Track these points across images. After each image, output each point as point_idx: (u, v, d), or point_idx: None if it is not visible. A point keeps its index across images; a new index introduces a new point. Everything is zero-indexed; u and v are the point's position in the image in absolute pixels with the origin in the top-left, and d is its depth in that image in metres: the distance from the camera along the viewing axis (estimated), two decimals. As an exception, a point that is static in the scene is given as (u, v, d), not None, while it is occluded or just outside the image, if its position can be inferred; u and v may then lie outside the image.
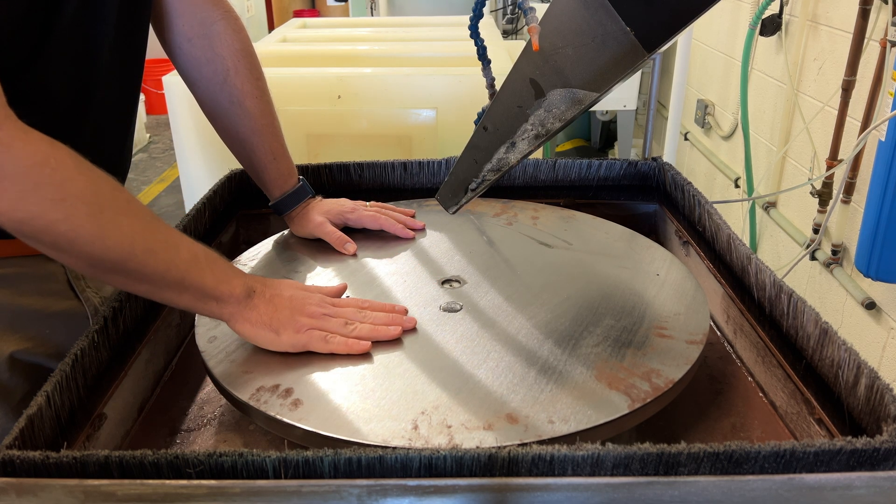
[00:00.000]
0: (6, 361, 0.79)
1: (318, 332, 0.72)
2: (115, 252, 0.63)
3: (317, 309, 0.74)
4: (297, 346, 0.71)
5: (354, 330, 0.73)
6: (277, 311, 0.72)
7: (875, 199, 1.45)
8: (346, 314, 0.75)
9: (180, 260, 0.67)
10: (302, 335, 0.71)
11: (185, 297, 0.69)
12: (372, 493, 0.52)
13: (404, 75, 1.65)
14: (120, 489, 0.53)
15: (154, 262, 0.65)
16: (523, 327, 0.76)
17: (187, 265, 0.68)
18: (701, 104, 2.78)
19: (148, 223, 0.66)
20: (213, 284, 0.70)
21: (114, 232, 0.63)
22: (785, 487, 0.52)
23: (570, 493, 0.53)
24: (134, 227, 0.65)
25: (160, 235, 0.67)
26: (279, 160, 0.98)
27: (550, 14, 0.69)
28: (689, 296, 0.82)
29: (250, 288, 0.72)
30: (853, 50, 1.71)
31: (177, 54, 0.93)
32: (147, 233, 0.66)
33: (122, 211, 0.64)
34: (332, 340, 0.72)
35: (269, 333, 0.71)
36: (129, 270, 0.65)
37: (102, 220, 0.62)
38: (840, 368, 0.63)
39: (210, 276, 0.70)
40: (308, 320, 0.72)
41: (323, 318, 0.73)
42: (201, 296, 0.69)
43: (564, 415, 0.62)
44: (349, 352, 0.71)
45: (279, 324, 0.71)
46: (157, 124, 5.23)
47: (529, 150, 0.76)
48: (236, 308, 0.71)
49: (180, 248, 0.68)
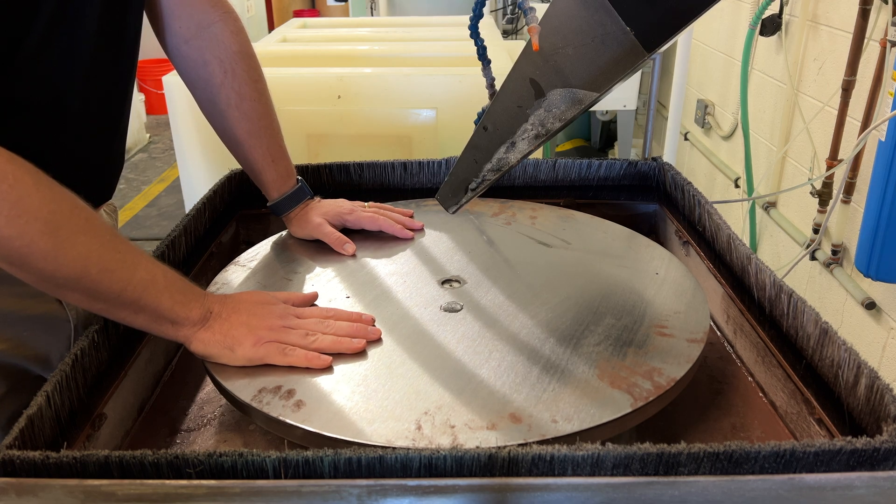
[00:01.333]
0: None
1: (276, 344, 0.71)
2: (68, 270, 0.63)
3: (276, 321, 0.73)
4: (254, 359, 0.70)
5: (315, 342, 0.72)
6: (232, 328, 0.71)
7: (875, 199, 1.45)
8: (307, 325, 0.73)
9: (137, 280, 0.67)
10: (259, 348, 0.70)
11: (141, 317, 0.68)
12: (372, 493, 0.52)
13: (404, 75, 1.65)
14: (120, 489, 0.53)
15: (109, 281, 0.65)
16: (524, 327, 0.76)
17: (144, 285, 0.67)
18: (701, 104, 2.78)
19: (106, 242, 0.66)
20: (169, 306, 0.69)
21: (69, 250, 0.62)
22: (785, 487, 0.52)
23: (570, 493, 0.53)
24: (90, 246, 0.64)
25: (118, 255, 0.66)
26: (278, 162, 0.97)
27: (550, 14, 0.69)
28: (689, 294, 0.82)
29: (208, 310, 0.71)
30: (853, 50, 1.71)
31: (175, 56, 0.93)
32: (104, 252, 0.65)
33: (80, 229, 0.64)
34: (290, 353, 0.70)
35: (224, 351, 0.70)
36: (84, 288, 0.64)
37: (58, 238, 0.62)
38: (840, 368, 0.63)
39: (167, 298, 0.69)
40: (267, 332, 0.71)
41: (283, 329, 0.72)
42: (156, 317, 0.69)
43: (568, 414, 0.62)
44: (309, 365, 0.70)
45: (233, 340, 0.70)
46: (157, 124, 5.23)
47: (529, 150, 0.76)
48: (191, 330, 0.70)
49: (138, 269, 0.67)
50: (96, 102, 0.82)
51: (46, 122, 0.76)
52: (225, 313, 0.72)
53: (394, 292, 0.84)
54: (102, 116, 0.85)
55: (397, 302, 0.82)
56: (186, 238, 0.93)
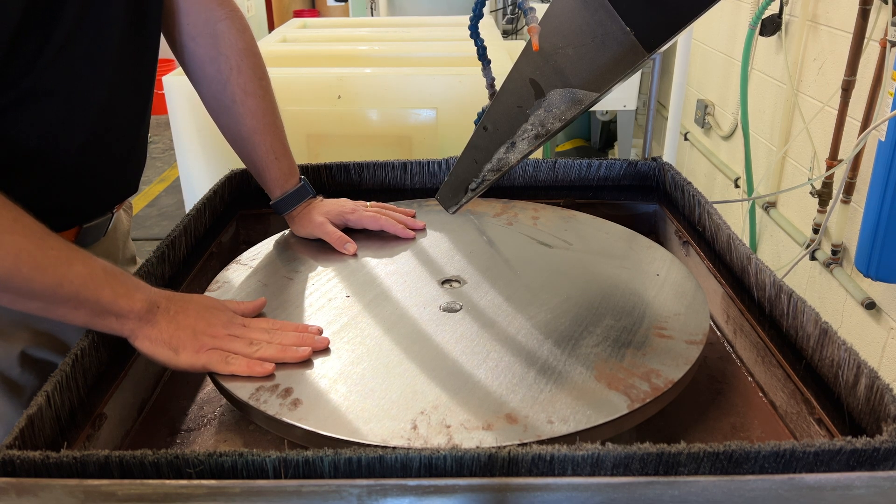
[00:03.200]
0: (18, 358, 0.80)
1: (218, 352, 0.70)
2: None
3: (221, 329, 0.72)
4: (196, 366, 0.70)
5: (258, 351, 0.71)
6: (179, 329, 0.70)
7: (875, 199, 1.45)
8: (252, 335, 0.73)
9: (74, 275, 0.65)
10: (202, 355, 0.70)
11: (81, 312, 0.67)
12: (372, 493, 0.52)
13: (404, 75, 1.65)
14: (120, 489, 0.53)
15: (42, 278, 0.64)
16: (523, 327, 0.76)
17: (83, 280, 0.66)
18: (701, 104, 2.78)
19: (37, 240, 0.65)
20: (111, 299, 0.67)
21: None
22: (785, 487, 0.52)
23: (570, 493, 0.53)
24: (19, 245, 0.63)
25: (52, 252, 0.65)
26: (281, 159, 0.98)
27: (550, 14, 0.69)
28: (689, 296, 0.82)
29: (153, 303, 0.70)
30: (853, 50, 1.71)
31: (181, 52, 0.94)
32: (35, 249, 0.64)
33: (6, 229, 0.63)
34: (232, 361, 0.69)
35: (167, 352, 0.69)
36: (15, 288, 0.63)
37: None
38: (840, 368, 0.63)
39: (108, 290, 0.67)
40: (210, 340, 0.71)
41: (227, 338, 0.71)
42: (98, 311, 0.67)
43: (564, 415, 0.62)
44: (250, 374, 0.69)
45: (178, 342, 0.69)
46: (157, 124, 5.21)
47: (529, 150, 0.76)
48: (136, 324, 0.69)
49: (74, 264, 0.66)
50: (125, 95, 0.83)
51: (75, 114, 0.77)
52: (172, 310, 0.71)
53: (393, 292, 0.84)
54: (130, 110, 0.86)
55: (396, 301, 0.82)
56: (186, 238, 0.93)
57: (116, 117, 0.83)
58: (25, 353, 0.80)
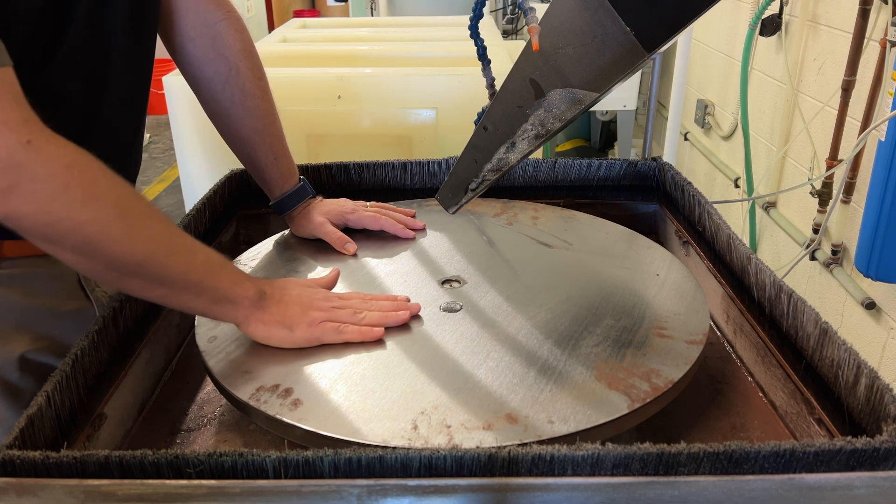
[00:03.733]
0: (16, 362, 0.80)
1: (330, 323, 0.73)
2: (139, 254, 0.64)
3: (325, 303, 0.76)
4: (312, 339, 0.73)
5: (364, 318, 0.75)
6: (288, 308, 0.74)
7: (875, 199, 1.45)
8: (353, 305, 0.77)
9: (198, 263, 0.69)
10: (315, 328, 0.73)
11: (202, 300, 0.70)
12: (372, 492, 0.52)
13: (404, 75, 1.65)
14: (120, 489, 0.53)
15: (175, 263, 0.67)
16: (523, 327, 0.76)
17: (204, 268, 0.69)
18: (701, 104, 2.78)
19: (168, 227, 0.68)
20: (229, 287, 0.71)
21: (141, 233, 0.64)
22: (785, 487, 0.52)
23: (570, 493, 0.53)
24: (156, 230, 0.66)
25: (180, 239, 0.68)
26: (280, 160, 0.98)
27: (550, 14, 0.69)
28: (689, 296, 0.82)
29: (261, 290, 0.73)
30: (853, 50, 1.71)
31: (180, 54, 0.93)
32: (168, 236, 0.67)
33: (146, 214, 0.66)
34: (345, 330, 0.73)
35: (282, 331, 0.72)
36: (149, 273, 0.65)
37: (129, 222, 0.63)
38: (840, 368, 0.63)
39: (226, 279, 0.71)
40: (319, 314, 0.74)
41: (332, 310, 0.75)
42: (218, 298, 0.70)
43: (564, 415, 0.62)
44: (364, 339, 0.73)
45: (291, 321, 0.73)
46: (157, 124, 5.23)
47: (529, 150, 0.76)
48: (249, 310, 0.72)
49: (197, 252, 0.69)
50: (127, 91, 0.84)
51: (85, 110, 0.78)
52: (277, 295, 0.74)
53: (394, 292, 0.84)
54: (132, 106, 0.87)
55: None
56: (186, 238, 0.93)
57: (118, 119, 0.84)
58: (25, 357, 0.80)
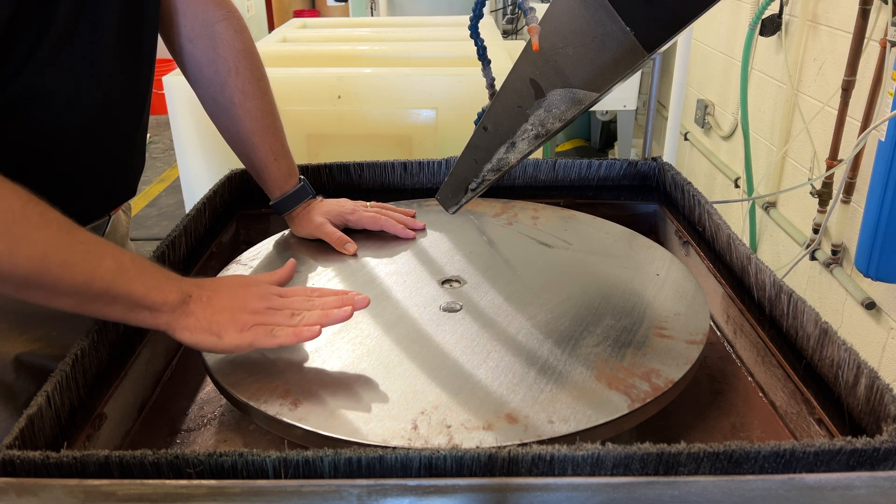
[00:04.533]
0: (11, 363, 0.79)
1: (262, 327, 0.69)
2: (25, 268, 0.60)
3: (259, 304, 0.71)
4: (242, 346, 0.68)
5: (302, 319, 0.70)
6: (216, 313, 0.69)
7: (875, 199, 1.45)
8: (292, 304, 0.72)
9: (104, 269, 0.64)
10: (246, 333, 0.68)
11: (115, 308, 0.66)
12: (372, 492, 0.52)
13: (404, 75, 1.65)
14: (120, 489, 0.53)
15: (72, 274, 0.62)
16: (523, 327, 0.76)
17: (113, 274, 0.64)
18: (701, 104, 2.78)
19: (65, 235, 0.63)
20: (144, 293, 0.66)
21: (24, 247, 0.60)
22: (785, 487, 0.52)
23: (570, 493, 0.53)
24: (48, 240, 0.61)
25: (80, 246, 0.64)
26: (280, 160, 0.98)
27: (550, 14, 0.69)
28: (689, 296, 0.82)
29: (186, 293, 0.69)
30: (853, 50, 1.71)
31: (179, 54, 0.93)
32: (64, 245, 0.62)
33: (34, 224, 0.61)
34: (278, 333, 0.68)
35: (210, 338, 0.68)
36: (46, 285, 0.62)
37: (11, 238, 0.59)
38: (840, 368, 0.63)
39: (140, 284, 0.66)
40: (250, 317, 0.69)
41: (267, 312, 0.70)
42: (131, 306, 0.66)
43: (564, 415, 0.62)
44: (298, 340, 0.68)
45: (219, 327, 0.68)
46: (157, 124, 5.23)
47: (529, 150, 0.76)
48: (171, 317, 0.68)
49: (104, 258, 0.65)
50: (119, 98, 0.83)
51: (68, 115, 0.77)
52: (205, 297, 0.70)
53: (393, 292, 0.84)
54: (125, 113, 0.86)
55: (397, 301, 0.82)
56: (186, 238, 0.93)
57: (113, 119, 0.83)
58: (19, 359, 0.80)
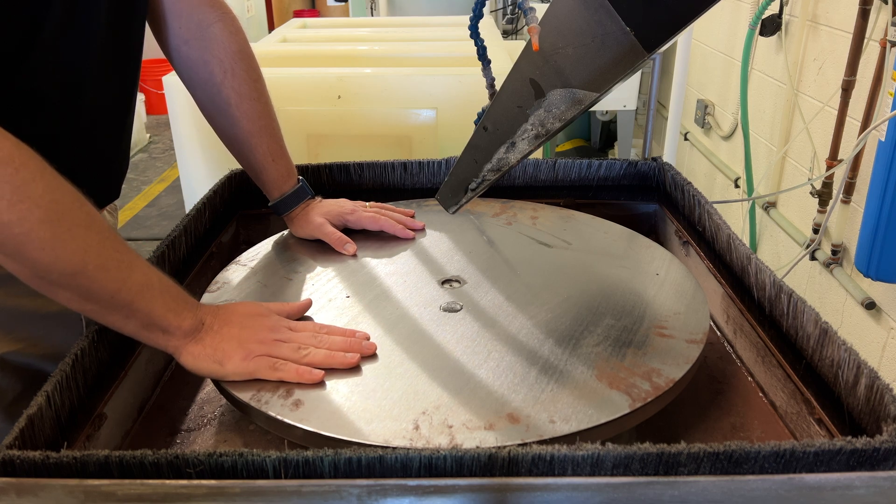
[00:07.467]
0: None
1: (266, 358, 0.69)
2: (66, 263, 0.61)
3: (268, 335, 0.71)
4: (243, 374, 0.68)
5: (307, 356, 0.70)
6: (223, 341, 0.69)
7: (875, 199, 1.45)
8: (300, 339, 0.72)
9: (133, 282, 0.65)
10: (249, 362, 0.68)
11: (132, 322, 0.66)
12: (372, 492, 0.52)
13: (404, 75, 1.65)
14: (120, 489, 0.53)
15: (105, 279, 0.63)
16: (524, 327, 0.76)
17: (139, 288, 0.65)
18: (701, 104, 2.78)
19: (105, 239, 0.64)
20: (162, 313, 0.67)
21: (68, 242, 0.61)
22: (785, 487, 0.52)
23: (570, 493, 0.53)
24: (90, 241, 0.62)
25: (117, 254, 0.65)
26: (278, 161, 0.98)
27: (550, 14, 0.69)
28: (689, 295, 0.82)
29: (199, 321, 0.70)
30: (853, 50, 1.71)
31: (174, 56, 0.93)
32: (103, 249, 0.63)
33: (81, 223, 0.62)
34: (281, 368, 0.68)
35: (213, 365, 0.69)
36: (78, 286, 0.62)
37: (58, 228, 0.60)
38: (840, 368, 0.63)
39: (160, 304, 0.67)
40: (257, 346, 0.70)
41: (274, 343, 0.70)
42: (147, 324, 0.67)
43: (566, 414, 0.62)
44: (299, 380, 0.68)
45: (223, 355, 0.69)
46: (157, 124, 5.23)
47: (529, 150, 0.76)
48: (181, 342, 0.69)
49: (134, 271, 0.65)
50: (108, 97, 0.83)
51: (61, 115, 0.77)
52: (217, 325, 0.71)
53: (393, 292, 0.84)
54: (114, 111, 0.86)
55: (397, 302, 0.82)
56: (186, 238, 0.93)
57: (100, 121, 0.83)
58: (4, 359, 0.79)
